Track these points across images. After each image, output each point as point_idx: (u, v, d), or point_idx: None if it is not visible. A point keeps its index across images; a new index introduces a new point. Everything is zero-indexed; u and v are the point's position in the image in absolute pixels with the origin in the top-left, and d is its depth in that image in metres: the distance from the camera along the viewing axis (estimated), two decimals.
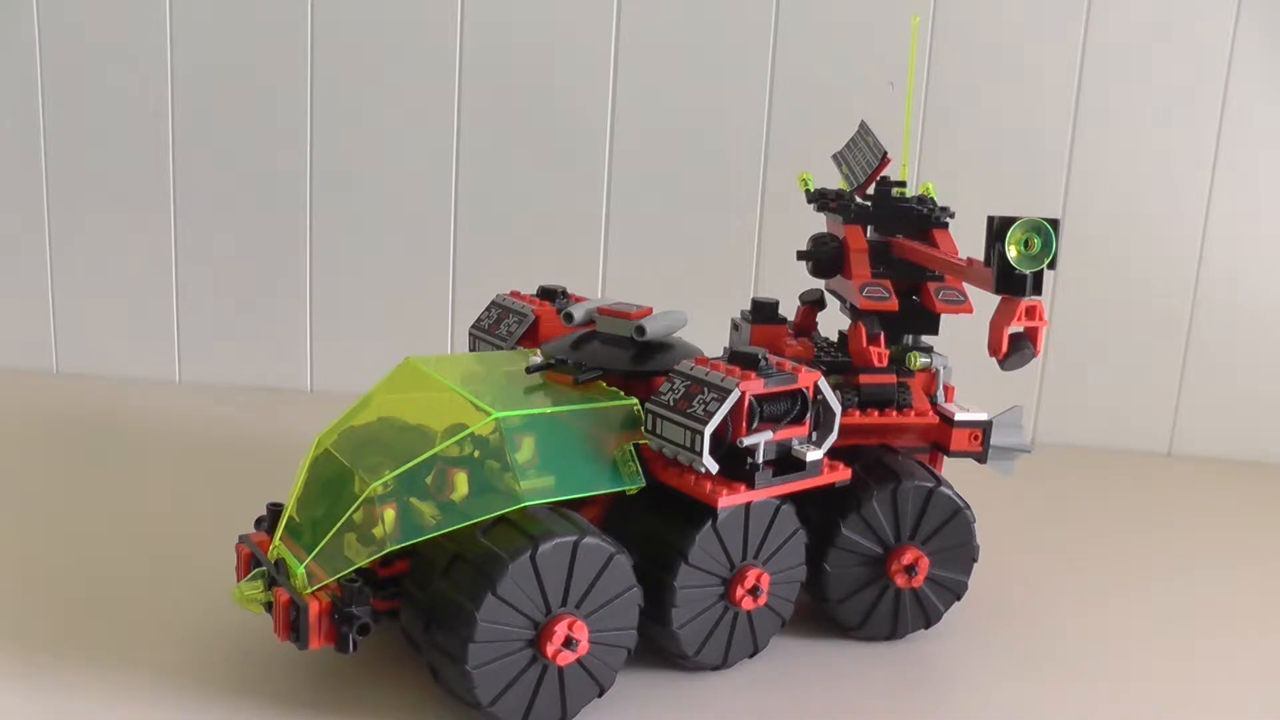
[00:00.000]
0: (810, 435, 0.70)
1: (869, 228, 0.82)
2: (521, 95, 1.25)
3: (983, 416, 0.79)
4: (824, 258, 0.82)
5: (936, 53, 1.20)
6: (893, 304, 0.78)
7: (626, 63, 1.23)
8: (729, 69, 1.22)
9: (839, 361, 0.79)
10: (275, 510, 0.69)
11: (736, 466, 0.67)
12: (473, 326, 0.87)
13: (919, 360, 0.80)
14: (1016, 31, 1.19)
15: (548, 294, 0.86)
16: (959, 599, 0.78)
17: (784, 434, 0.68)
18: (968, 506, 0.77)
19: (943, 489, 0.76)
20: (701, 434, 0.64)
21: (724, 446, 0.66)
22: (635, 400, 0.70)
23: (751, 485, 0.67)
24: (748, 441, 0.66)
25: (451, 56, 1.24)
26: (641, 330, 0.73)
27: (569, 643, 0.62)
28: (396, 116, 1.26)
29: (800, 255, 0.83)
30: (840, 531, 0.74)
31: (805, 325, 0.87)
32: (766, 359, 0.68)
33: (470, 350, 0.87)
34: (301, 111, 1.26)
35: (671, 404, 0.67)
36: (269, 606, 0.63)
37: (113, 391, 1.27)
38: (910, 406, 0.79)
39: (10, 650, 0.70)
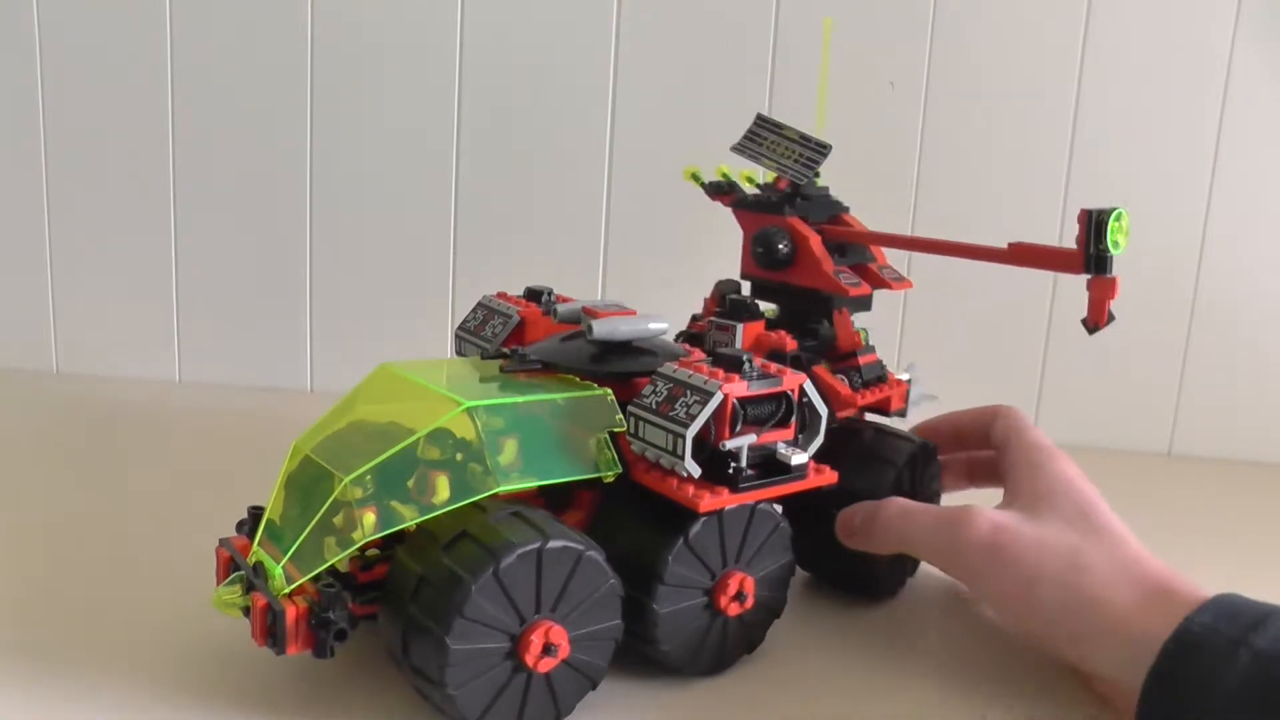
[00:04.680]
0: (796, 438, 0.69)
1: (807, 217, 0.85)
2: (521, 96, 1.25)
3: (906, 376, 0.86)
4: (782, 251, 0.83)
5: (936, 53, 1.19)
6: (908, 282, 0.85)
7: (626, 63, 1.23)
8: (729, 69, 1.22)
9: (821, 348, 0.82)
10: (256, 514, 0.69)
11: (720, 470, 0.66)
12: (459, 328, 0.87)
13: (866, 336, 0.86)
14: (1016, 31, 1.18)
15: (533, 295, 0.86)
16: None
17: (768, 437, 0.67)
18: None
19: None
20: (684, 437, 0.64)
21: (706, 450, 0.65)
22: (608, 391, 0.69)
23: (735, 489, 0.66)
24: (730, 445, 0.65)
25: (451, 57, 1.24)
26: (590, 329, 0.72)
27: (548, 649, 0.61)
28: (396, 117, 1.26)
29: (754, 251, 0.84)
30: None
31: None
32: (751, 361, 0.67)
33: (457, 352, 0.87)
34: (302, 112, 1.26)
35: (654, 407, 0.66)
36: (247, 611, 0.63)
37: (113, 391, 1.27)
38: (884, 380, 0.85)
39: (10, 649, 0.70)
